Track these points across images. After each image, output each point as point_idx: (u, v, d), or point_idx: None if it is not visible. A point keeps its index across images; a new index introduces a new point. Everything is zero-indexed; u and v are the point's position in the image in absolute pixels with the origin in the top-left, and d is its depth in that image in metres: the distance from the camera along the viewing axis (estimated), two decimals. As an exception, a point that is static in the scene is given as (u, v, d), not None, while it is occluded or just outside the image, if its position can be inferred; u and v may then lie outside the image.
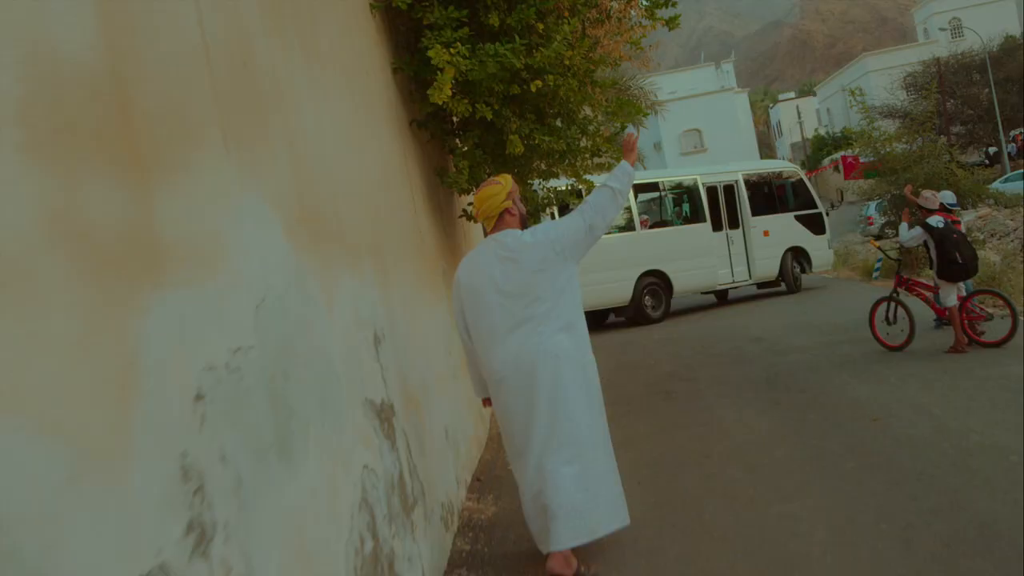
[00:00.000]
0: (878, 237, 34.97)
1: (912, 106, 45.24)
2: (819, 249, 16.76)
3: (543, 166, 7.34)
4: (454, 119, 6.57)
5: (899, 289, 8.49)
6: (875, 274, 19.93)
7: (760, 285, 16.58)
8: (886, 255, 9.41)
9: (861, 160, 37.81)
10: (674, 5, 7.55)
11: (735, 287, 16.09)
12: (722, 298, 16.96)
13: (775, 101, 79.57)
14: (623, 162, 4.21)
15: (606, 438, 4.03)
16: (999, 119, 41.39)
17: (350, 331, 3.24)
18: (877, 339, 8.51)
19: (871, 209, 34.77)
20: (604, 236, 11.81)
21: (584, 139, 7.22)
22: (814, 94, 74.98)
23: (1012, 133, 44.91)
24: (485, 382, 4.13)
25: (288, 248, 2.62)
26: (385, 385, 3.63)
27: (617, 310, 14.67)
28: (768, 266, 16.08)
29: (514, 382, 3.86)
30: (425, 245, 5.95)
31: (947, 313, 7.98)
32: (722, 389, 7.92)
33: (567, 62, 6.00)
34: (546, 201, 8.42)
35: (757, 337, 11.12)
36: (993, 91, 41.48)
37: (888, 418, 5.91)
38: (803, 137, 63.35)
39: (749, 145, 60.81)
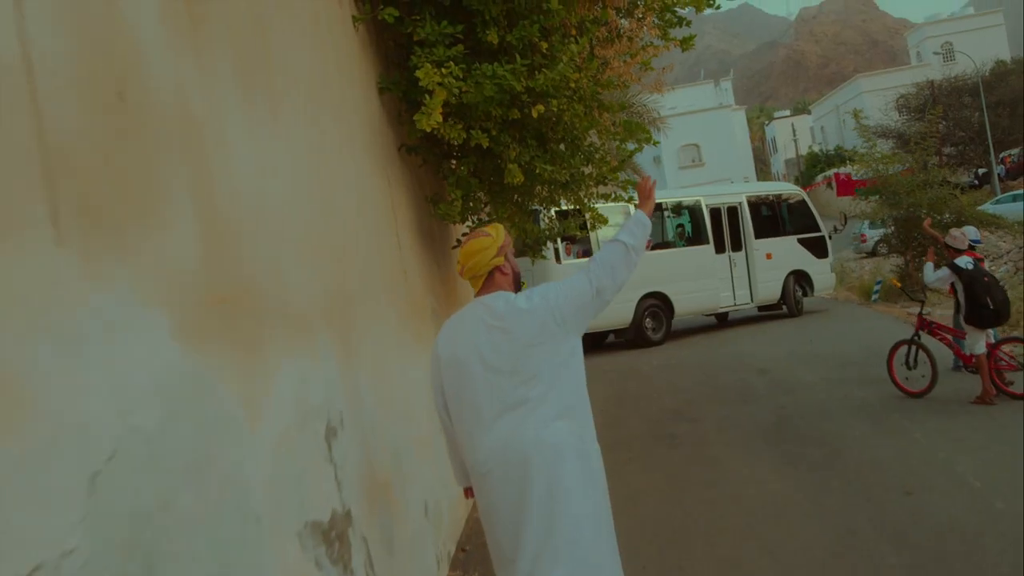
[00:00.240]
0: (871, 254, 34.16)
1: (905, 127, 44.85)
2: (821, 272, 15.91)
3: (544, 193, 6.49)
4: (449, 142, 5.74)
5: (921, 332, 7.62)
6: (874, 296, 19.08)
7: (761, 308, 15.73)
8: (908, 295, 8.32)
9: (854, 178, 37.24)
10: (688, 25, 6.75)
11: (736, 310, 15.25)
12: (722, 319, 16.09)
13: (771, 118, 78.63)
14: (638, 213, 3.36)
15: (612, 545, 3.17)
16: (991, 141, 41.02)
17: (288, 436, 2.39)
18: (896, 384, 7.64)
19: (864, 227, 34.00)
20: None
21: (590, 167, 6.39)
22: (809, 112, 74.07)
23: (1001, 155, 44.61)
24: (467, 470, 3.29)
25: (177, 352, 1.77)
26: (339, 489, 2.78)
27: (617, 331, 13.84)
28: (770, 289, 15.23)
29: (502, 477, 3.00)
30: (410, 284, 5.10)
31: (973, 360, 7.10)
32: (729, 435, 7.06)
33: (573, 85, 5.15)
34: (549, 232, 7.57)
35: (762, 368, 10.26)
36: (985, 114, 41.03)
37: (922, 491, 5.04)
38: (797, 154, 62.50)
39: (745, 160, 60.02)
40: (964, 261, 7.07)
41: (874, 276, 24.54)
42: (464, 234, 6.38)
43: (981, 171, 43.75)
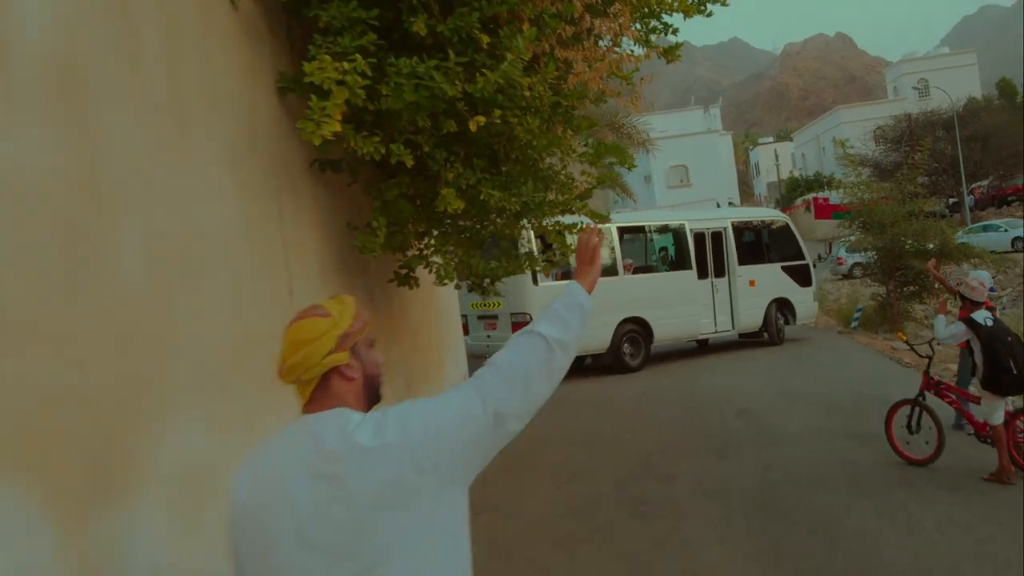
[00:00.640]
0: (847, 276, 32.81)
1: (882, 157, 43.94)
2: (804, 301, 14.51)
3: (500, 221, 5.08)
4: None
5: (926, 392, 6.20)
6: (854, 323, 17.74)
7: (743, 335, 14.37)
8: (915, 351, 6.79)
9: (833, 203, 36.34)
10: (675, 32, 5.40)
11: (717, 336, 13.84)
12: (703, 345, 14.67)
13: (755, 144, 77.63)
14: (570, 287, 2.01)
15: None
16: (963, 173, 40.17)
17: None
18: (895, 448, 6.22)
19: (841, 250, 32.82)
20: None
21: (551, 193, 5.03)
22: (791, 140, 73.16)
23: (972, 186, 43.85)
24: None
25: None
26: None
27: (595, 355, 12.45)
28: (752, 317, 13.83)
29: None
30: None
31: (989, 431, 5.68)
32: (707, 506, 5.64)
33: (527, 93, 3.80)
34: (527, 262, 6.00)
35: (743, 408, 8.88)
36: (959, 147, 40.19)
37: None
38: (779, 178, 61.67)
39: (730, 182, 59.09)
40: (982, 316, 5.63)
41: (852, 300, 23.21)
42: (403, 267, 5.03)
43: (952, 200, 42.93)
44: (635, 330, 12.36)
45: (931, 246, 16.15)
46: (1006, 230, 30.56)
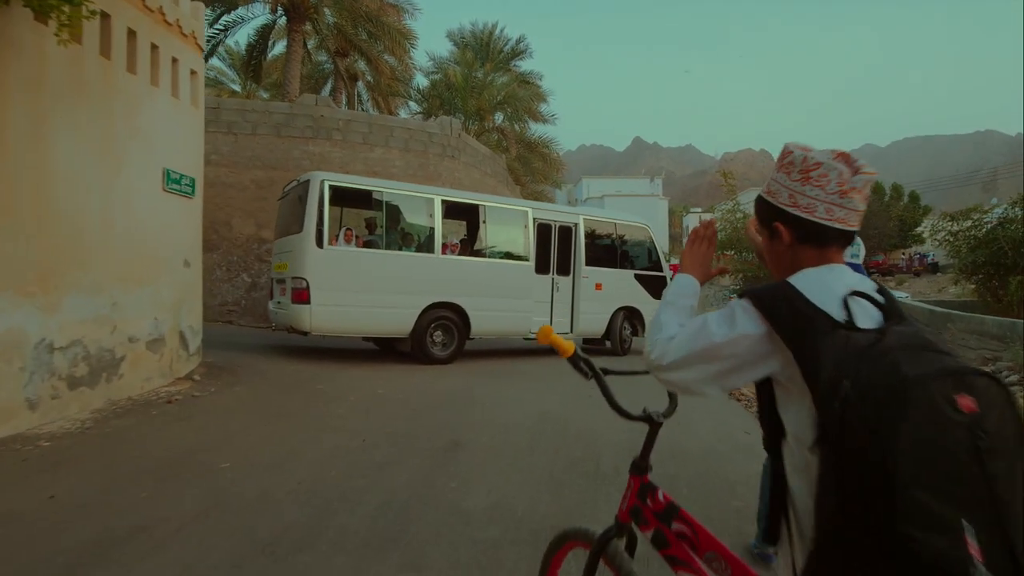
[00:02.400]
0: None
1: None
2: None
3: None
4: None
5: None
6: None
7: (586, 341, 9.75)
8: None
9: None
10: None
11: None
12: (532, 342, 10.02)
13: (688, 211, 73.85)
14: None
15: None
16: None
17: None
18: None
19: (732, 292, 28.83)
20: (394, 252, 7.29)
21: None
22: (713, 212, 69.78)
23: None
24: None
25: None
26: None
27: (401, 340, 7.88)
28: (594, 322, 9.17)
29: None
30: None
31: None
32: None
33: None
34: None
35: (556, 448, 4.32)
36: None
37: None
38: (702, 238, 58.12)
39: (663, 238, 55.68)
40: None
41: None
42: None
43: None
44: (448, 318, 7.78)
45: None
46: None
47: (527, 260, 8.44)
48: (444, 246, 7.85)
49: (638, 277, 9.55)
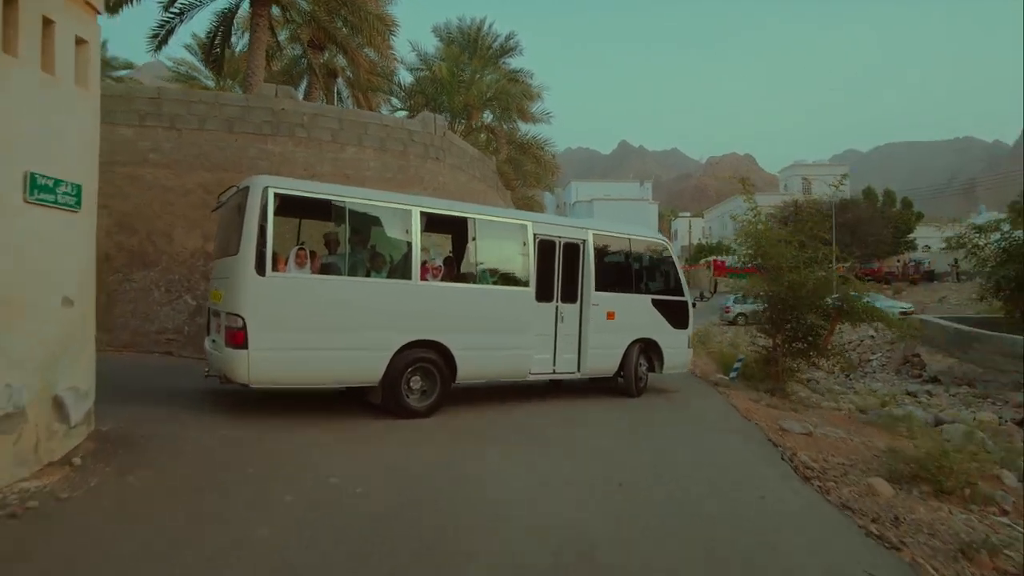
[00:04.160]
0: (731, 323, 27.02)
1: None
2: (676, 347, 8.28)
3: None
4: None
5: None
6: (733, 374, 11.73)
7: (594, 379, 8.22)
8: None
9: (728, 265, 32.74)
10: None
11: (556, 379, 7.59)
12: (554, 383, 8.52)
13: (676, 216, 73.18)
14: None
15: None
16: (834, 256, 35.99)
17: None
18: None
19: (730, 300, 27.82)
20: (360, 279, 5.86)
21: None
22: (703, 217, 69.38)
23: (834, 266, 40.33)
24: None
25: None
26: None
27: (370, 390, 6.27)
28: (606, 359, 7.58)
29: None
30: None
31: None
32: None
33: None
34: None
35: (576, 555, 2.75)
36: (834, 229, 36.14)
37: None
38: (690, 242, 57.43)
39: (654, 243, 55.32)
40: None
41: (735, 346, 17.30)
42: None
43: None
44: (429, 360, 6.18)
45: (830, 300, 10.22)
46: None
47: (527, 286, 6.90)
48: (424, 269, 6.27)
49: (656, 303, 8.07)
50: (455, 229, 7.21)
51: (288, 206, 5.79)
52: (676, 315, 8.24)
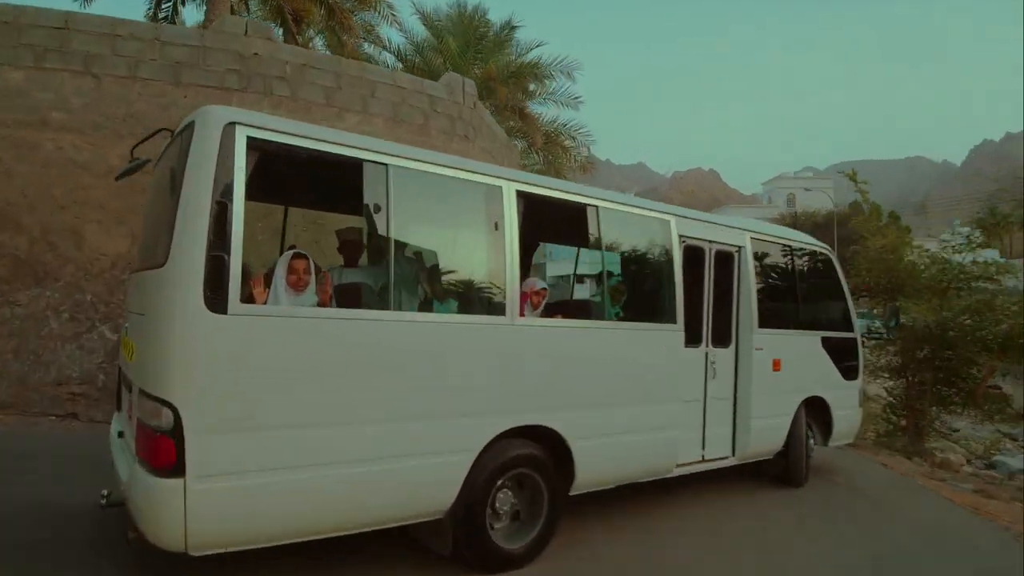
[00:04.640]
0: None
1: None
2: (846, 407, 5.53)
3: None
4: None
5: None
6: (1006, 473, 8.04)
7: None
8: None
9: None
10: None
11: (703, 470, 4.76)
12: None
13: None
14: None
15: None
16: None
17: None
18: None
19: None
20: (417, 317, 3.03)
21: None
22: None
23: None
24: None
25: None
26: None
27: (426, 528, 3.35)
28: (772, 433, 4.80)
29: None
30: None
31: None
32: None
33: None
34: None
35: None
36: (835, 244, 36.02)
37: None
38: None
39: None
40: None
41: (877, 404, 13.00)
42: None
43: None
44: (532, 460, 3.39)
45: (999, 330, 7.69)
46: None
47: (673, 322, 4.11)
48: (523, 296, 3.44)
49: (826, 343, 5.39)
50: (563, 226, 4.28)
51: (270, 168, 2.90)
52: (845, 359, 5.60)
